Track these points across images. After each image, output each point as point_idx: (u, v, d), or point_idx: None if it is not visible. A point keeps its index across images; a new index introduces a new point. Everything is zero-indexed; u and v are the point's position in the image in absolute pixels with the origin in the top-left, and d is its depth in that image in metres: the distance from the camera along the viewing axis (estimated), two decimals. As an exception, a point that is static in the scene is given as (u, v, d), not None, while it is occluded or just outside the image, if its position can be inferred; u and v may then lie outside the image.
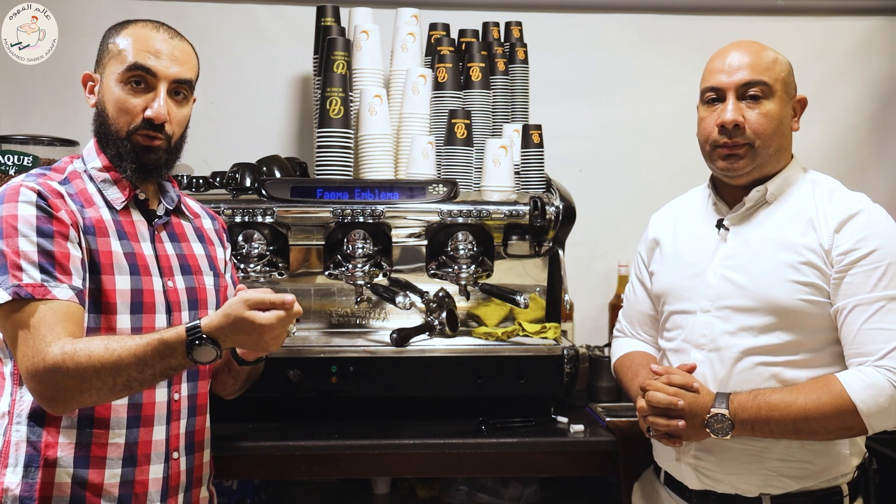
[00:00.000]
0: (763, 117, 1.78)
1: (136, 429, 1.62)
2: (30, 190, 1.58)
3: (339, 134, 2.33)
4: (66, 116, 2.70)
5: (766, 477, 1.76)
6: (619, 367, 2.07)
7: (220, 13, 2.93)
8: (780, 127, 1.80)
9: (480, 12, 2.83)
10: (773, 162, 1.82)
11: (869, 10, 3.09)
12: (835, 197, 1.79)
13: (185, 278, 1.73)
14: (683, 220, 1.97)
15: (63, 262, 1.54)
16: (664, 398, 1.73)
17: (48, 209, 1.56)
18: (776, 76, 1.80)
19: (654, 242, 2.02)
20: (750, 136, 1.78)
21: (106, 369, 1.47)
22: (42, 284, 1.51)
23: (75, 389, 1.49)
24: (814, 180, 1.84)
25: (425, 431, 2.15)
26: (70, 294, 1.53)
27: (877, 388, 1.65)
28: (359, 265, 2.25)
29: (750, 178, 1.82)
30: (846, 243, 1.71)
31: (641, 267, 2.06)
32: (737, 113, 1.78)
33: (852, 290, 1.70)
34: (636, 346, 2.06)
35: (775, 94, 1.79)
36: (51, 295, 1.51)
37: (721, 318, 1.79)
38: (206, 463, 1.78)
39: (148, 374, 1.51)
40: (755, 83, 1.78)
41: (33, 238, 1.53)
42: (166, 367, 1.51)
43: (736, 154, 1.80)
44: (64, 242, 1.55)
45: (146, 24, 1.69)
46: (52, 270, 1.52)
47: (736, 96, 1.79)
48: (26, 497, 1.56)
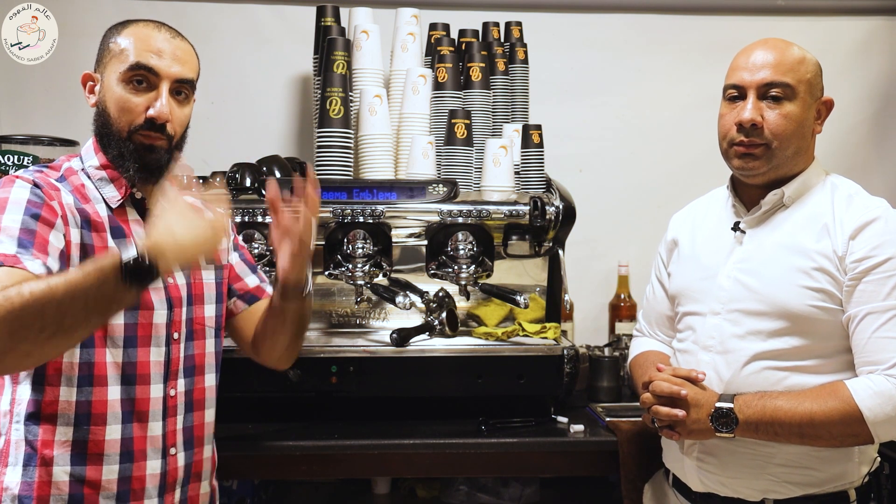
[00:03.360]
0: (783, 118, 1.75)
1: (130, 424, 1.62)
2: (26, 181, 1.58)
3: (339, 134, 2.33)
4: (66, 116, 2.70)
5: (769, 482, 1.74)
6: (633, 366, 2.06)
7: (220, 13, 2.93)
8: (801, 129, 1.77)
9: (480, 12, 2.83)
10: (791, 164, 1.79)
11: (869, 10, 3.09)
12: (853, 202, 1.76)
13: (185, 273, 1.73)
14: (702, 220, 1.95)
15: (42, 244, 1.52)
16: (667, 387, 1.74)
17: (41, 195, 1.56)
18: (800, 77, 1.76)
19: (672, 243, 2.00)
20: (768, 136, 1.76)
21: (35, 299, 1.35)
22: (15, 255, 1.47)
23: (5, 332, 1.35)
24: (834, 184, 1.81)
25: (425, 431, 2.15)
26: (42, 270, 1.48)
27: (884, 396, 1.63)
28: (359, 265, 2.25)
29: (766, 178, 1.80)
30: (861, 250, 1.69)
31: (661, 267, 2.04)
32: (756, 112, 1.76)
33: (865, 298, 1.67)
34: (652, 346, 2.05)
35: (798, 95, 1.76)
36: (21, 265, 1.46)
37: (731, 321, 1.78)
38: (206, 459, 1.78)
39: (80, 306, 1.37)
40: (777, 84, 1.75)
41: (19, 216, 1.52)
42: (100, 294, 1.38)
43: (752, 154, 1.77)
44: (48, 229, 1.54)
45: (147, 23, 1.69)
46: (30, 247, 1.50)
47: (757, 95, 1.77)
48: (25, 496, 1.56)
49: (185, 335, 1.71)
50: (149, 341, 1.64)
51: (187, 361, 1.72)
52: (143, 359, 1.64)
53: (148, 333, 1.64)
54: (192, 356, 1.73)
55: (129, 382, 1.62)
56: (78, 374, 1.58)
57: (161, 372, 1.66)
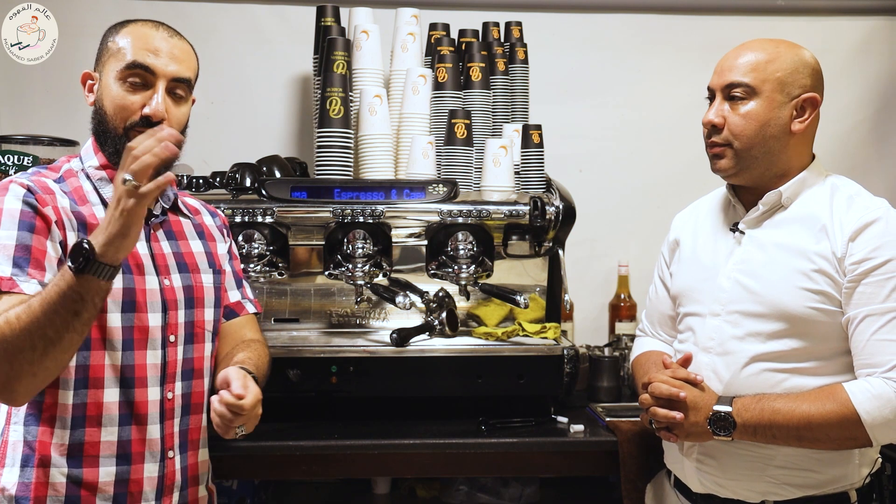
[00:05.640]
0: (741, 118, 1.76)
1: (128, 426, 1.62)
2: (19, 186, 1.58)
3: (339, 134, 2.33)
4: (66, 116, 2.70)
5: (768, 484, 1.74)
6: (634, 366, 2.06)
7: (220, 13, 2.93)
8: (766, 128, 1.75)
9: (480, 12, 2.83)
10: (767, 164, 1.78)
11: (869, 10, 3.09)
12: (854, 203, 1.74)
13: (182, 276, 1.73)
14: (704, 221, 1.95)
15: (38, 258, 1.54)
16: (666, 389, 1.73)
17: (34, 203, 1.56)
18: (765, 76, 1.75)
19: (674, 243, 2.00)
20: (727, 136, 1.78)
21: (22, 327, 1.43)
22: (10, 278, 1.51)
23: (6, 366, 1.44)
24: (834, 185, 1.80)
25: (425, 431, 2.15)
26: (38, 289, 1.50)
27: (882, 399, 1.62)
28: (359, 265, 2.25)
29: (743, 179, 1.81)
30: (860, 252, 1.68)
31: (664, 267, 2.04)
32: (716, 114, 1.79)
33: (864, 300, 1.67)
34: (654, 346, 2.04)
35: (760, 94, 1.75)
36: (17, 288, 1.50)
37: (730, 322, 1.77)
38: (202, 462, 1.78)
39: (55, 315, 1.43)
40: (736, 84, 1.76)
41: (13, 232, 1.53)
42: (64, 297, 1.42)
43: (717, 154, 1.80)
44: (44, 240, 1.55)
45: (146, 23, 1.69)
46: (25, 266, 1.52)
47: (723, 97, 1.79)
48: (22, 497, 1.56)
49: (183, 338, 1.71)
50: (144, 344, 1.64)
51: (185, 364, 1.71)
52: (139, 361, 1.64)
53: (143, 336, 1.64)
54: (191, 359, 1.73)
55: (126, 385, 1.62)
56: (75, 376, 1.59)
57: (157, 375, 1.66)
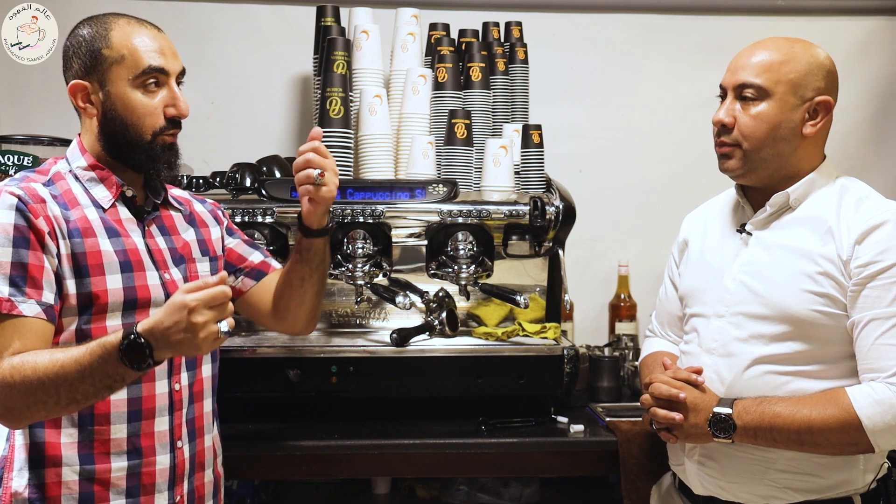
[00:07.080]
0: (752, 119, 1.75)
1: (137, 422, 1.62)
2: (11, 195, 1.56)
3: (339, 134, 2.33)
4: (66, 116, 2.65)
5: (770, 488, 1.72)
6: (641, 366, 2.06)
7: (220, 13, 2.93)
8: (777, 130, 1.74)
9: (480, 12, 2.83)
10: (776, 165, 1.76)
11: (869, 10, 3.09)
12: (862, 206, 1.72)
13: (180, 269, 1.73)
14: (713, 222, 1.94)
15: (35, 275, 1.53)
16: (666, 389, 1.73)
17: (27, 215, 1.54)
18: (778, 78, 1.73)
19: (684, 243, 1.99)
20: (736, 136, 1.76)
21: (49, 380, 1.44)
22: (9, 299, 1.50)
23: (22, 405, 1.46)
24: (843, 186, 1.78)
25: (425, 431, 2.15)
26: (37, 310, 1.51)
27: (885, 404, 1.60)
28: (359, 265, 2.25)
29: (750, 180, 1.80)
30: (866, 255, 1.66)
31: (673, 268, 2.03)
32: (727, 113, 1.77)
33: (869, 304, 1.65)
34: (662, 346, 2.04)
35: (773, 96, 1.73)
36: (16, 310, 1.50)
37: (734, 324, 1.76)
38: (207, 448, 1.77)
39: (88, 384, 1.44)
40: (748, 85, 1.74)
41: (8, 249, 1.52)
42: (103, 373, 1.44)
43: (726, 153, 1.79)
44: (40, 254, 1.54)
45: (130, 21, 1.67)
46: (23, 285, 1.51)
47: (735, 96, 1.78)
48: (35, 498, 1.57)
49: None
50: None
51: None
52: None
53: None
54: None
55: (134, 381, 1.62)
56: None
57: (165, 368, 1.66)
